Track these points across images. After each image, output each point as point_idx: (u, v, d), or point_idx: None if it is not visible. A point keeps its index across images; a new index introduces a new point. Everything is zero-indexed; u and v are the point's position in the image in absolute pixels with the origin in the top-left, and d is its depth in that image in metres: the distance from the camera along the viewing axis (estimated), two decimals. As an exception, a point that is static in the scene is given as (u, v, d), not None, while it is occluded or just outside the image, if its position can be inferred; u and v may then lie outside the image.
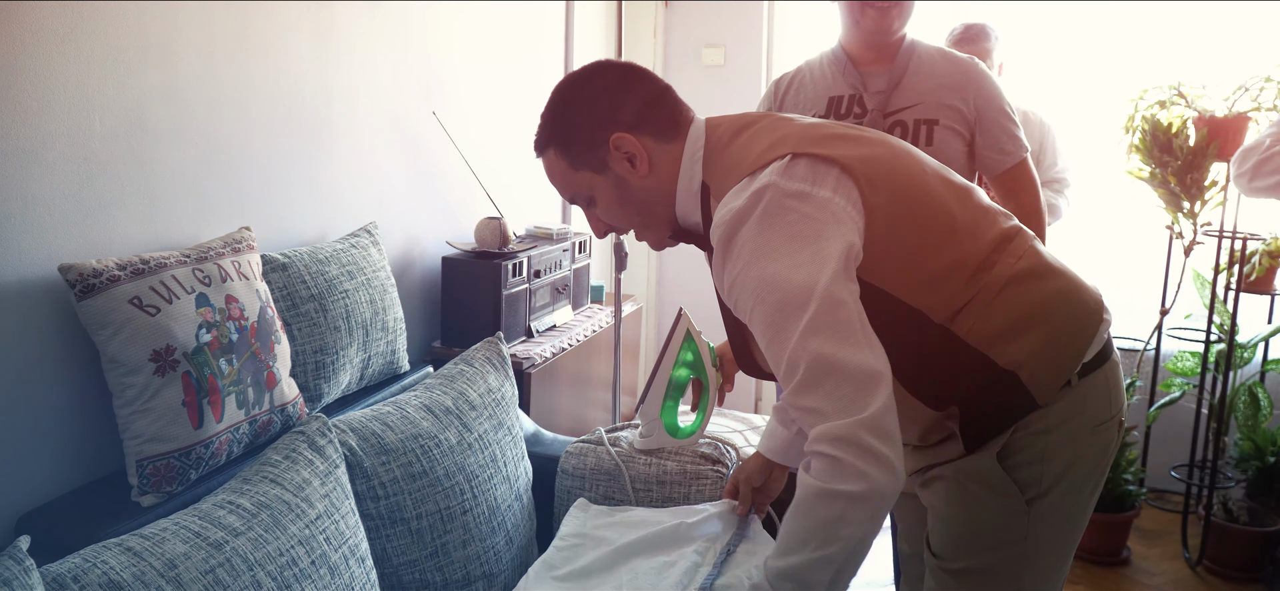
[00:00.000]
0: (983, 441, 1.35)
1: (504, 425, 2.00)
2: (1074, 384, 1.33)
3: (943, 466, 1.40)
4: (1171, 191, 3.09)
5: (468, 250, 2.63)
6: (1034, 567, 1.39)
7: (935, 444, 1.40)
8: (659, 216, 1.44)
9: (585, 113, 1.39)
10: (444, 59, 2.68)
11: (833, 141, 1.30)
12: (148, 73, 1.70)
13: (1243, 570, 3.10)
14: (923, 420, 1.36)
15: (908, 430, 1.36)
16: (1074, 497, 1.37)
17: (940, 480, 1.41)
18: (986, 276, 1.30)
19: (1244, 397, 3.24)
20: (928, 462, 1.43)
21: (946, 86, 2.01)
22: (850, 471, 1.14)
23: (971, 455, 1.35)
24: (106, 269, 1.51)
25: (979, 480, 1.36)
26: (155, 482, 1.53)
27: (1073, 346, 1.33)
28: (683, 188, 1.40)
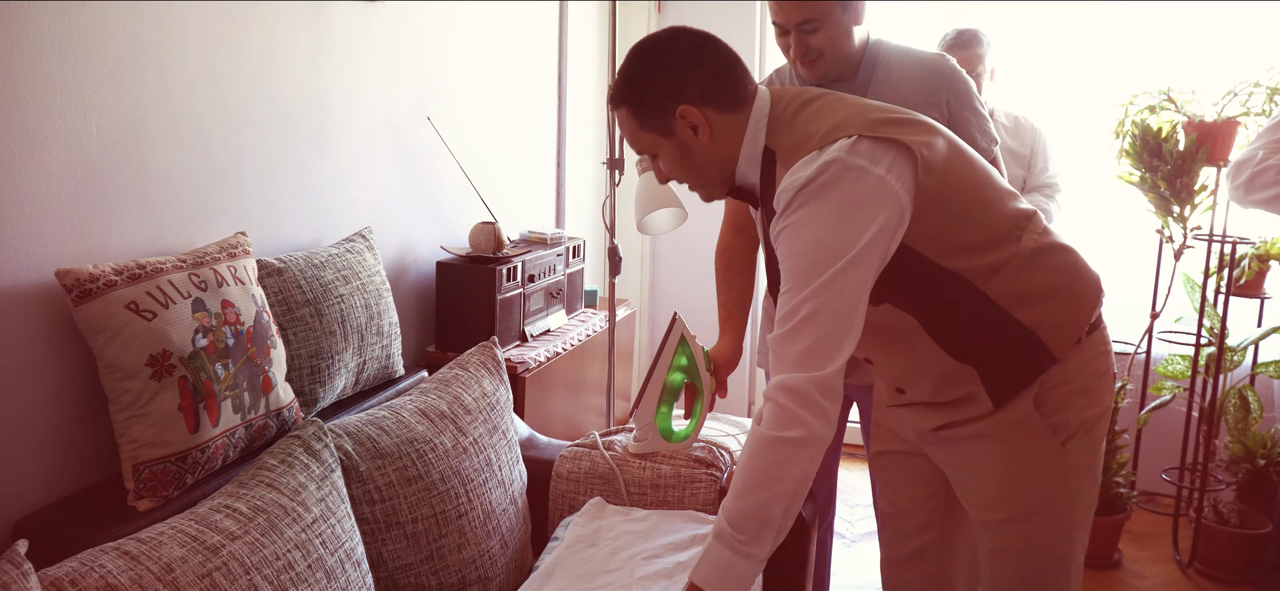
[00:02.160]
0: (1008, 396, 1.52)
1: (499, 429, 2.01)
2: (1082, 341, 1.53)
3: (971, 425, 1.56)
4: (1161, 195, 3.11)
5: (462, 255, 2.64)
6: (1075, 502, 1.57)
7: (951, 402, 1.57)
8: (716, 177, 1.59)
9: (656, 81, 1.53)
10: (439, 64, 2.69)
11: (893, 125, 1.44)
12: (144, 77, 1.71)
13: (1233, 572, 3.12)
14: (936, 374, 1.54)
15: (921, 386, 1.61)
16: (1094, 439, 1.57)
17: (975, 438, 1.57)
18: (1015, 247, 1.49)
19: (1234, 400, 3.26)
20: (945, 421, 1.60)
21: (918, 93, 1.97)
22: (793, 419, 1.36)
23: (1006, 408, 1.53)
24: (103, 274, 1.52)
25: (1017, 428, 1.53)
26: (151, 487, 1.54)
27: (1083, 311, 1.53)
28: (746, 153, 1.55)
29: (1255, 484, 3.21)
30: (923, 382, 1.60)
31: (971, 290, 1.48)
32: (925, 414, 1.63)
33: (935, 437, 1.64)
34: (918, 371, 1.59)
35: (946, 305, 1.49)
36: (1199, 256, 3.24)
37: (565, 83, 3.48)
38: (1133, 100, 3.21)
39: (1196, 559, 3.19)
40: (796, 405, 1.36)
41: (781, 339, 1.40)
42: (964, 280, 1.47)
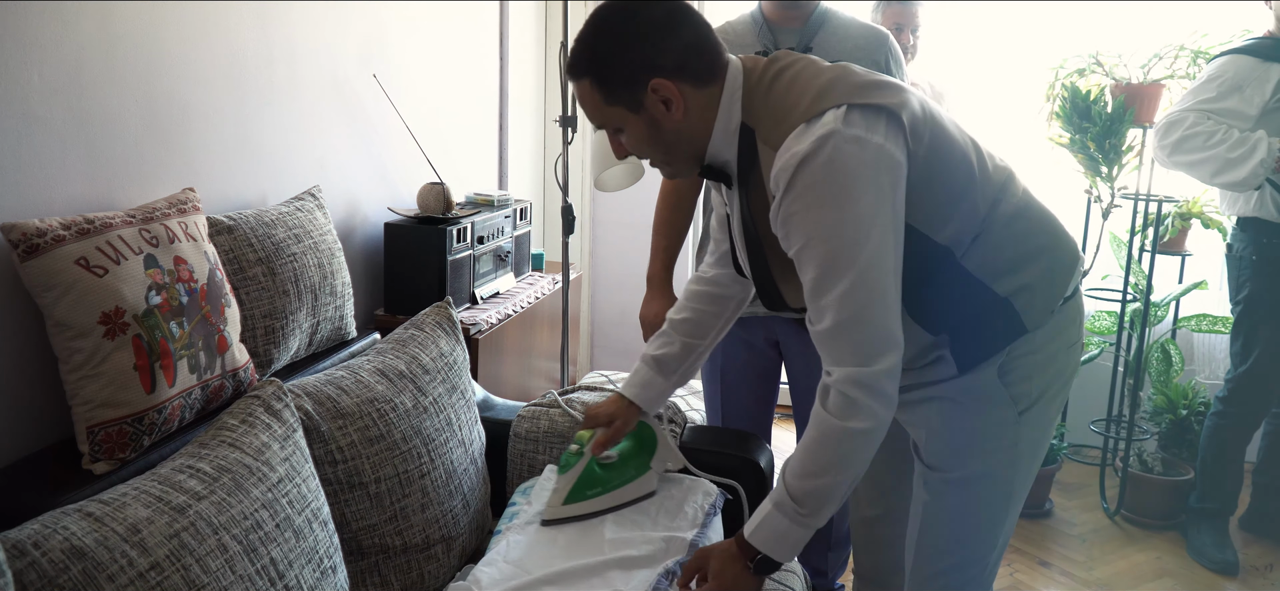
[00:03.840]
0: (974, 363, 1.50)
1: (457, 389, 1.98)
2: (1057, 311, 1.50)
3: (934, 387, 1.54)
4: (1090, 156, 3.20)
5: (411, 216, 2.59)
6: (1019, 472, 1.56)
7: (921, 367, 1.54)
8: (687, 154, 1.50)
9: (625, 52, 1.41)
10: (383, 21, 2.62)
11: (876, 90, 1.39)
12: (85, 22, 1.63)
13: (1158, 518, 3.26)
14: (914, 346, 1.49)
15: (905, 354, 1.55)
16: (1052, 408, 1.56)
17: (935, 400, 1.55)
18: (994, 213, 1.46)
19: (1158, 354, 3.39)
20: (914, 382, 1.57)
21: (860, 50, 2.12)
22: (862, 411, 1.36)
23: (970, 374, 1.50)
24: (51, 228, 1.45)
25: (979, 395, 1.51)
26: (108, 449, 1.48)
27: (1060, 282, 1.51)
28: (720, 128, 1.46)
29: (1177, 433, 3.35)
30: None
31: (951, 262, 1.45)
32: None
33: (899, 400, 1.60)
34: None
35: (925, 280, 1.44)
36: (1126, 215, 3.35)
37: (507, 42, 3.43)
38: (1062, 64, 3.30)
39: (1123, 505, 3.32)
40: (866, 397, 1.36)
41: (833, 334, 1.37)
42: (947, 252, 1.44)
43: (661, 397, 1.81)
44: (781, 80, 1.43)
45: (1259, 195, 2.82)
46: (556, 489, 1.77)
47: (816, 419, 1.41)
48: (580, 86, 1.46)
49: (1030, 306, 1.47)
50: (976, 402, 1.51)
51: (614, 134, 1.50)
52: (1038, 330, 1.48)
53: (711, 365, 2.36)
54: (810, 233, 1.35)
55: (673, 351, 1.78)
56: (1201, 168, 2.76)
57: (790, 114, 1.38)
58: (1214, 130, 2.71)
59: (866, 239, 1.33)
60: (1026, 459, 1.55)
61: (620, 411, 1.79)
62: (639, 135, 1.46)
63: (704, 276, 1.79)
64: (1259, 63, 2.73)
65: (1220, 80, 2.76)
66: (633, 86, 1.41)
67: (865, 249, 1.33)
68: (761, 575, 1.49)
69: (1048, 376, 1.51)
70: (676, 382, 1.81)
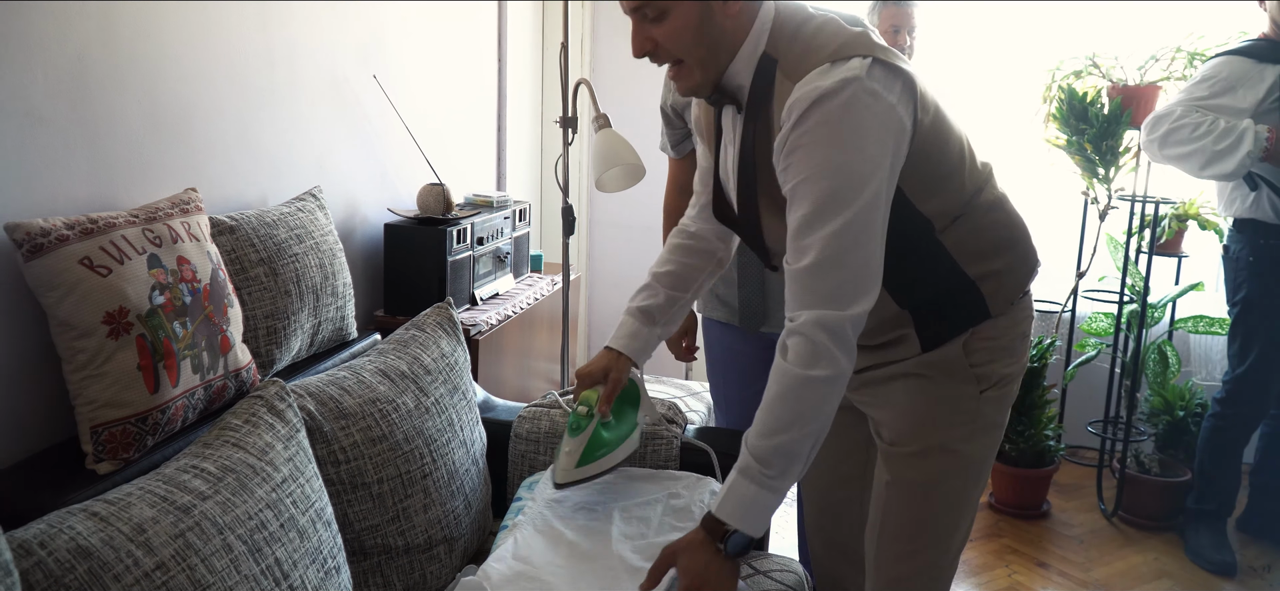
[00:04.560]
0: (938, 341, 1.53)
1: (459, 390, 1.98)
2: (1016, 302, 1.57)
3: (897, 364, 1.57)
4: (1087, 158, 3.22)
5: (411, 217, 2.59)
6: (979, 449, 1.58)
7: (884, 345, 1.57)
8: (716, 63, 1.45)
9: None
10: (383, 22, 2.62)
11: (897, 56, 1.40)
12: (87, 22, 1.63)
13: (1155, 519, 3.27)
14: (879, 316, 1.49)
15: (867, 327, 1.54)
16: (1006, 397, 1.60)
17: (898, 377, 1.57)
18: (977, 198, 1.51)
19: (1154, 355, 3.40)
20: (870, 363, 1.59)
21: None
22: (826, 356, 1.35)
23: (935, 350, 1.53)
24: (55, 228, 1.45)
25: (943, 370, 1.54)
26: (112, 449, 1.48)
27: (1022, 276, 1.58)
28: (746, 51, 1.44)
29: (1174, 434, 3.37)
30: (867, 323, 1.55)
31: (930, 236, 1.48)
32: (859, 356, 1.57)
33: (857, 379, 1.63)
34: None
35: (902, 251, 1.45)
36: (1122, 217, 3.36)
37: (505, 43, 3.44)
38: (1059, 65, 3.32)
39: (1120, 507, 3.33)
40: (831, 342, 1.35)
41: (811, 272, 1.36)
42: (929, 224, 1.47)
43: (648, 348, 1.80)
44: (811, 23, 1.44)
45: (1255, 196, 2.84)
46: (568, 451, 1.74)
47: (777, 373, 1.39)
48: None
49: (996, 293, 1.52)
50: (940, 375, 1.54)
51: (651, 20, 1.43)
52: (1000, 317, 1.53)
53: (716, 366, 2.36)
54: (813, 167, 1.35)
55: (657, 302, 1.76)
56: (1190, 160, 2.76)
57: (817, 52, 1.38)
58: (1201, 121, 2.72)
59: (865, 186, 1.33)
60: (984, 441, 1.58)
61: (613, 363, 1.76)
62: (686, 22, 1.40)
63: (686, 229, 1.79)
64: (1254, 64, 2.74)
65: (1214, 80, 2.77)
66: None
67: (862, 194, 1.33)
68: (736, 557, 1.44)
69: (1005, 363, 1.56)
70: (661, 334, 1.80)
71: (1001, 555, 3.09)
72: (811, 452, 1.40)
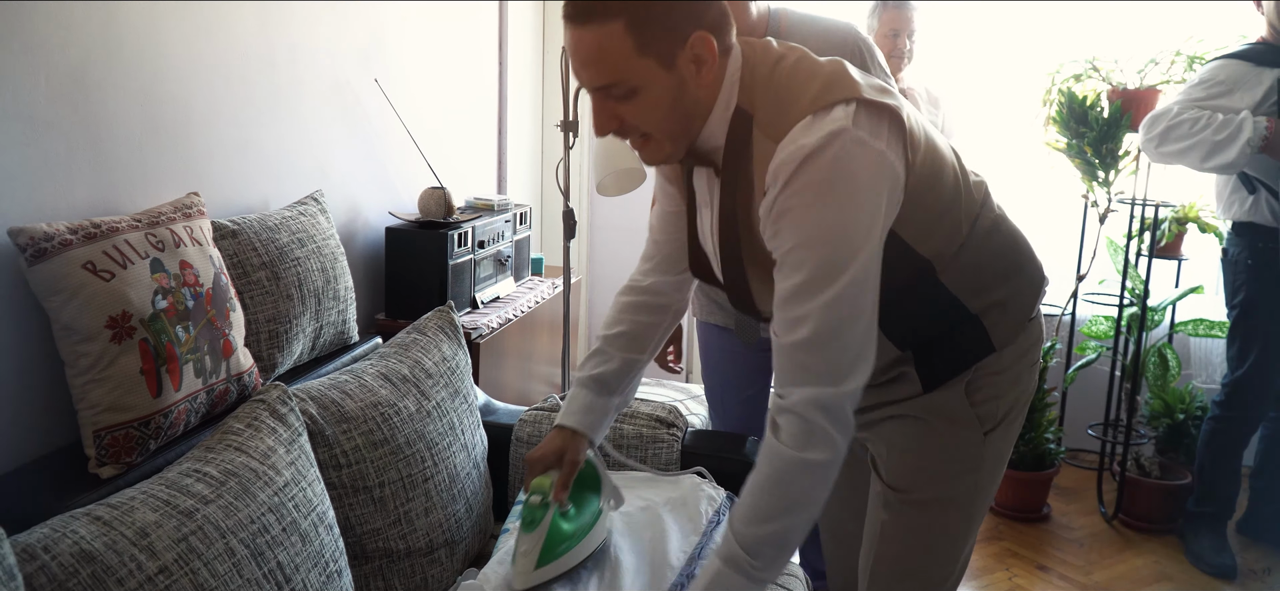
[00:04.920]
0: (940, 381, 1.43)
1: (460, 393, 1.99)
2: (1023, 329, 1.46)
3: (898, 405, 1.47)
4: (1087, 161, 3.22)
5: (412, 220, 2.59)
6: (982, 493, 1.51)
7: (883, 384, 1.46)
8: (688, 132, 1.33)
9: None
10: (383, 25, 2.63)
11: (880, 91, 1.29)
12: (90, 26, 1.63)
13: (1155, 522, 3.27)
14: (878, 360, 1.36)
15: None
16: (1015, 426, 1.51)
17: (898, 419, 1.47)
18: (976, 224, 1.40)
19: (1154, 358, 3.41)
20: (876, 401, 1.48)
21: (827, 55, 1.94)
22: (822, 439, 1.24)
23: (936, 392, 1.44)
24: (58, 233, 1.45)
25: (946, 415, 1.45)
26: (114, 453, 1.48)
27: (1028, 302, 1.47)
28: (718, 109, 1.32)
29: (1175, 437, 3.37)
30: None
31: (931, 278, 1.38)
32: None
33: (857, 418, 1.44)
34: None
35: (901, 296, 1.35)
36: (1122, 220, 3.37)
37: (505, 47, 3.44)
38: (1059, 69, 3.32)
39: (1121, 510, 3.33)
40: (829, 423, 1.23)
41: (806, 347, 1.24)
42: (929, 266, 1.37)
43: (605, 422, 1.63)
44: (782, 67, 1.31)
45: (1254, 199, 2.84)
46: (524, 551, 1.55)
47: (768, 454, 1.27)
48: (601, 31, 1.22)
49: (999, 324, 1.42)
50: (943, 422, 1.44)
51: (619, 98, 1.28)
52: (1005, 349, 1.43)
53: (713, 371, 2.36)
54: (805, 233, 1.24)
55: (611, 368, 1.61)
56: (1190, 154, 2.77)
57: (794, 104, 1.26)
58: (1198, 116, 2.72)
59: (860, 249, 1.23)
60: (988, 481, 1.50)
61: (567, 443, 1.58)
62: (658, 99, 1.27)
63: (639, 285, 1.64)
64: (1252, 67, 2.74)
65: (1212, 83, 2.77)
66: (674, 36, 1.24)
67: (858, 258, 1.23)
68: None
69: (1012, 396, 1.47)
70: (619, 404, 1.64)
71: (1002, 558, 3.09)
72: (802, 539, 1.29)
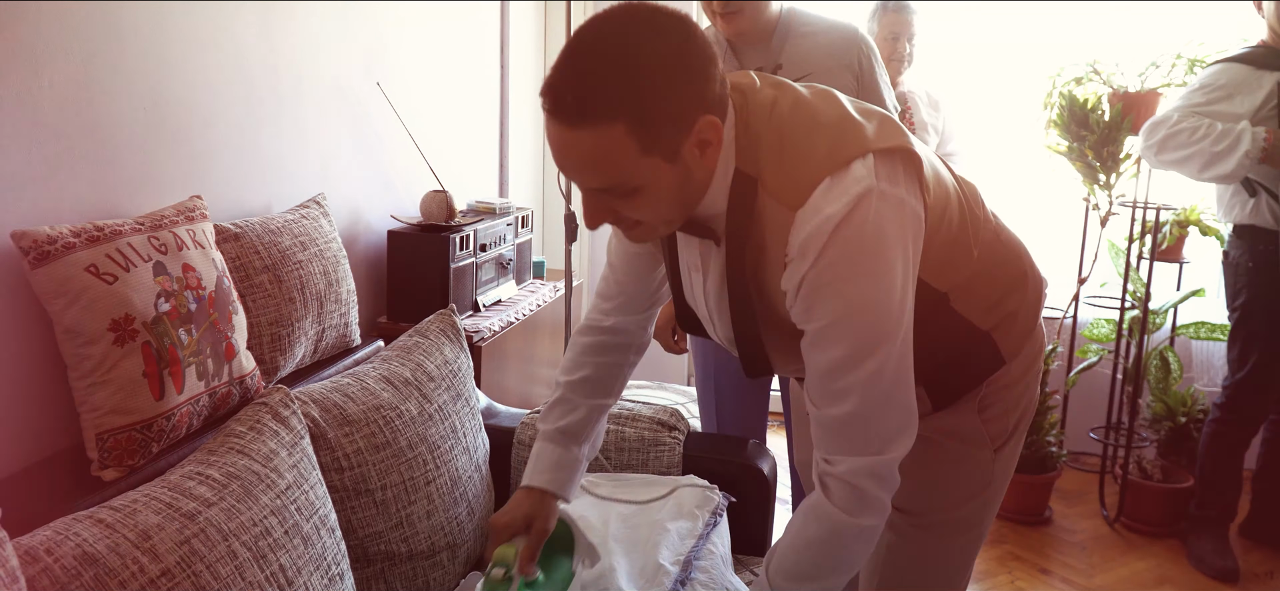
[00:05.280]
0: (951, 399, 1.40)
1: (462, 396, 1.99)
2: (1029, 336, 1.43)
3: None
4: (1088, 164, 3.23)
5: (414, 223, 2.60)
6: (990, 511, 1.49)
7: None
8: (686, 211, 1.22)
9: (674, 84, 1.10)
10: (386, 28, 2.63)
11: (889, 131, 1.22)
12: (93, 29, 1.63)
13: (1158, 525, 3.27)
14: None
15: None
16: (1021, 439, 1.49)
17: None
18: (979, 248, 1.34)
19: (1156, 361, 3.41)
20: None
21: (832, 54, 2.05)
22: (873, 505, 1.20)
23: (946, 412, 1.40)
24: (61, 236, 1.45)
25: (957, 435, 1.42)
26: (117, 456, 1.48)
27: (1034, 306, 1.44)
28: (718, 178, 1.20)
29: (1176, 440, 3.36)
30: None
31: (945, 307, 1.33)
32: None
33: None
34: None
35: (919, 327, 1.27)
36: (1123, 223, 3.37)
37: (507, 50, 3.45)
38: (1060, 72, 3.32)
39: (1123, 513, 3.33)
40: (878, 489, 1.19)
41: (852, 420, 1.18)
42: (944, 297, 1.32)
43: (576, 477, 1.52)
44: (777, 116, 1.21)
45: (1255, 203, 2.84)
46: None
47: (818, 513, 1.22)
48: (598, 134, 1.09)
49: (1008, 336, 1.39)
50: (953, 443, 1.42)
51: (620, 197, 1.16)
52: (1014, 360, 1.40)
53: (704, 374, 2.36)
54: (842, 307, 1.15)
55: (577, 417, 1.51)
56: (1189, 164, 2.77)
57: (804, 164, 1.16)
58: (1197, 125, 2.73)
59: (900, 313, 1.17)
60: (996, 498, 1.48)
61: (535, 508, 1.48)
62: (661, 194, 1.16)
63: (599, 325, 1.55)
64: (1252, 71, 2.74)
65: (1212, 87, 2.78)
66: (678, 127, 1.12)
67: (900, 323, 1.17)
68: None
69: (1021, 408, 1.45)
70: (589, 453, 1.55)
71: (1004, 561, 3.09)
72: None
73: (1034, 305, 1.43)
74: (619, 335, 1.54)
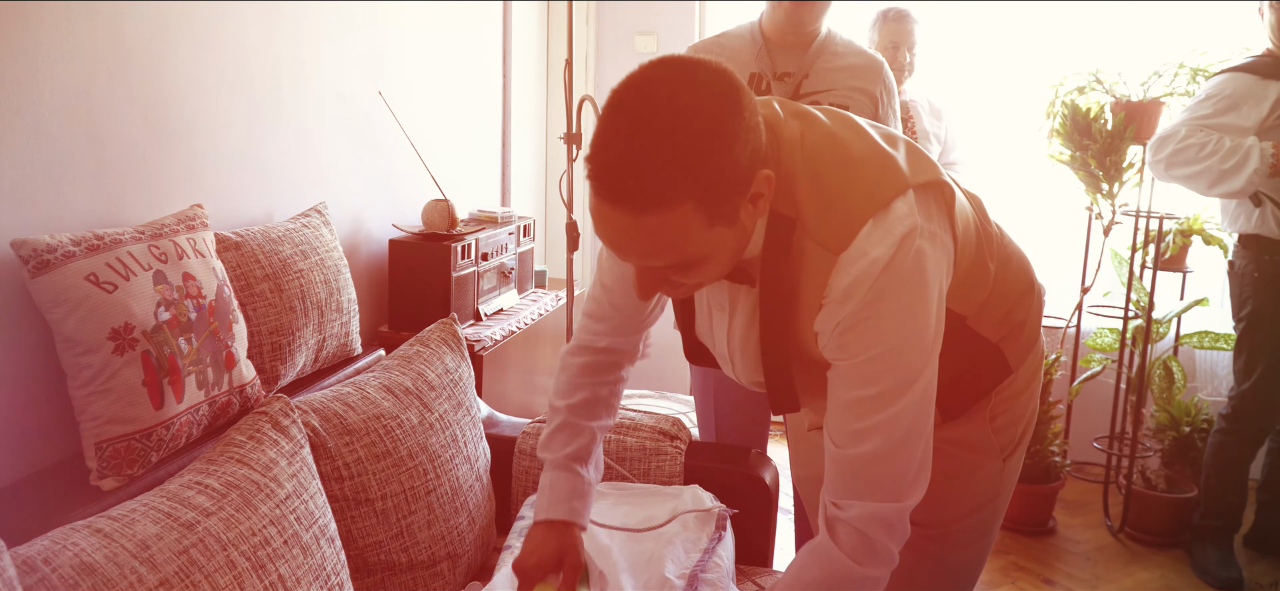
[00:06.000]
0: (960, 410, 1.41)
1: (463, 405, 1.98)
2: (1033, 344, 1.45)
3: None
4: (1091, 173, 3.22)
5: (415, 232, 2.60)
6: (997, 520, 1.49)
7: None
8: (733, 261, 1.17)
9: (731, 148, 1.05)
10: (388, 38, 2.64)
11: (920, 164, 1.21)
12: (95, 38, 1.64)
13: (1162, 535, 3.25)
14: None
15: None
16: (1026, 446, 1.49)
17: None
18: (994, 264, 1.34)
19: (1160, 371, 3.39)
20: None
21: (856, 78, 2.13)
22: (883, 555, 1.18)
23: (957, 422, 1.41)
24: (61, 245, 1.45)
25: (968, 446, 1.42)
26: (116, 465, 1.48)
27: (1037, 313, 1.45)
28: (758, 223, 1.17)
29: (1181, 450, 3.35)
30: None
31: (963, 327, 1.33)
32: None
33: None
34: None
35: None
36: (1126, 232, 3.36)
37: (509, 59, 3.45)
38: (1062, 81, 3.32)
39: (1127, 523, 3.32)
40: (887, 539, 1.17)
41: (870, 461, 1.16)
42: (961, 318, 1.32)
43: (590, 503, 1.51)
44: (807, 155, 1.16)
45: (1260, 212, 2.83)
46: None
47: (824, 556, 1.20)
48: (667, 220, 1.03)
49: (1016, 345, 1.39)
50: (962, 452, 1.42)
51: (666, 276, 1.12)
52: (1020, 368, 1.41)
53: (703, 386, 2.36)
54: (882, 346, 1.13)
55: (583, 442, 1.49)
56: (1197, 180, 2.78)
57: (845, 205, 1.14)
58: (1206, 141, 2.72)
59: (933, 350, 1.16)
60: (1002, 507, 1.49)
61: (562, 543, 1.46)
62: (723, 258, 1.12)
63: (593, 346, 1.51)
64: (1258, 80, 2.74)
65: (1217, 97, 2.77)
66: (739, 191, 1.07)
67: (931, 363, 1.16)
68: None
69: (1026, 417, 1.46)
70: (596, 476, 1.53)
71: (1007, 572, 3.07)
72: None
73: (1038, 312, 1.45)
74: (612, 355, 1.52)
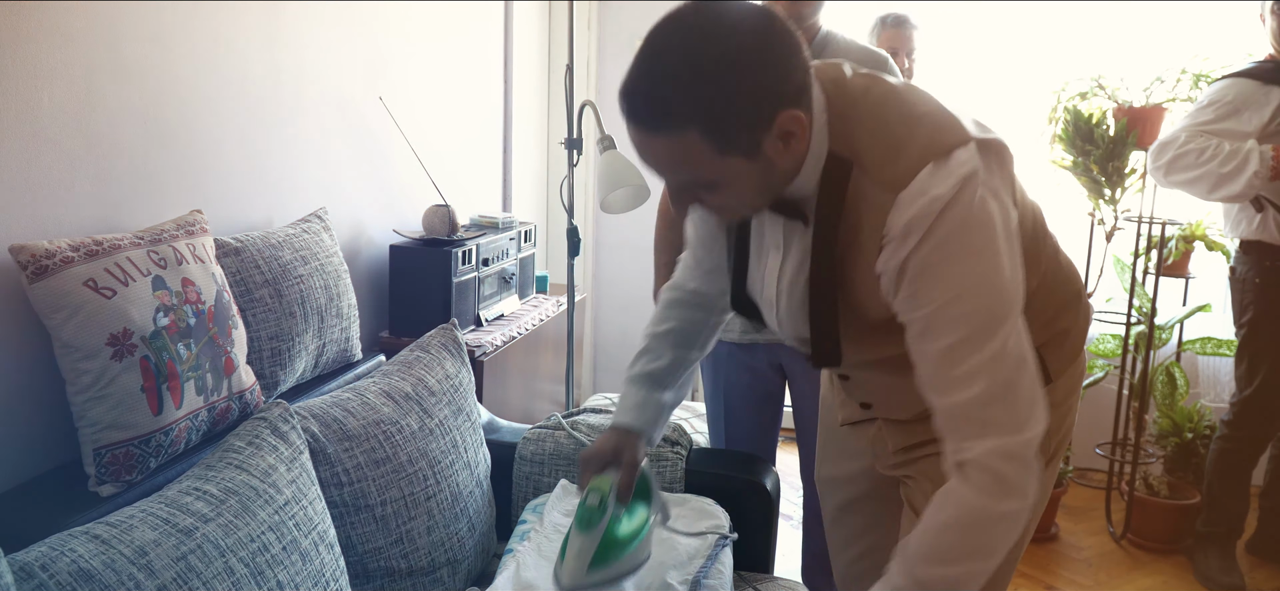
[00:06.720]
0: None
1: (463, 411, 1.98)
2: (1075, 358, 1.44)
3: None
4: (1093, 179, 3.21)
5: (416, 238, 2.59)
6: (1030, 531, 1.45)
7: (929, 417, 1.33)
8: (776, 195, 1.23)
9: (746, 85, 1.09)
10: (389, 43, 2.64)
11: (981, 126, 1.24)
12: (95, 43, 1.64)
13: (1164, 542, 3.24)
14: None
15: (902, 407, 1.44)
16: (1059, 463, 1.48)
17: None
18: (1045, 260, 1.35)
19: (1162, 377, 3.39)
20: (922, 437, 1.42)
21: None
22: (1015, 489, 1.16)
23: None
24: (59, 250, 1.45)
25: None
26: (114, 471, 1.48)
27: (1083, 328, 1.45)
28: (810, 161, 1.20)
29: (1183, 456, 3.34)
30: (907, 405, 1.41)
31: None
32: (894, 432, 1.48)
33: (903, 455, 1.49)
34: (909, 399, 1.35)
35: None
36: (1129, 238, 3.35)
37: (510, 65, 3.45)
38: (1064, 87, 3.31)
39: (1129, 530, 3.31)
40: (1019, 472, 1.16)
41: (981, 403, 1.16)
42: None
43: (661, 420, 1.57)
44: (868, 101, 1.21)
45: (1261, 217, 2.83)
46: (578, 550, 1.52)
47: (957, 499, 1.18)
48: (673, 140, 1.11)
49: (1058, 354, 1.39)
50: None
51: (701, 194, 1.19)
52: (1059, 380, 1.40)
53: (714, 388, 2.35)
54: (954, 289, 1.14)
55: (662, 364, 1.55)
56: (1197, 185, 2.77)
57: (905, 147, 1.17)
58: (1205, 146, 2.72)
59: (1014, 294, 1.16)
60: (1036, 518, 1.45)
61: (623, 443, 1.53)
62: (745, 186, 1.17)
63: (684, 286, 1.58)
64: (1259, 86, 2.73)
65: (1219, 103, 2.77)
66: (757, 126, 1.11)
67: (1015, 303, 1.16)
68: None
69: (1062, 432, 1.44)
70: (673, 401, 1.58)
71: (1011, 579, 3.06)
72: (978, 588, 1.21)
73: (1084, 327, 1.44)
74: (701, 296, 1.57)
